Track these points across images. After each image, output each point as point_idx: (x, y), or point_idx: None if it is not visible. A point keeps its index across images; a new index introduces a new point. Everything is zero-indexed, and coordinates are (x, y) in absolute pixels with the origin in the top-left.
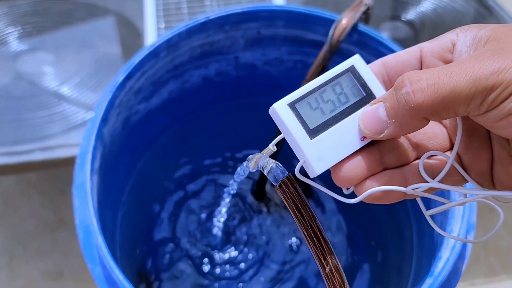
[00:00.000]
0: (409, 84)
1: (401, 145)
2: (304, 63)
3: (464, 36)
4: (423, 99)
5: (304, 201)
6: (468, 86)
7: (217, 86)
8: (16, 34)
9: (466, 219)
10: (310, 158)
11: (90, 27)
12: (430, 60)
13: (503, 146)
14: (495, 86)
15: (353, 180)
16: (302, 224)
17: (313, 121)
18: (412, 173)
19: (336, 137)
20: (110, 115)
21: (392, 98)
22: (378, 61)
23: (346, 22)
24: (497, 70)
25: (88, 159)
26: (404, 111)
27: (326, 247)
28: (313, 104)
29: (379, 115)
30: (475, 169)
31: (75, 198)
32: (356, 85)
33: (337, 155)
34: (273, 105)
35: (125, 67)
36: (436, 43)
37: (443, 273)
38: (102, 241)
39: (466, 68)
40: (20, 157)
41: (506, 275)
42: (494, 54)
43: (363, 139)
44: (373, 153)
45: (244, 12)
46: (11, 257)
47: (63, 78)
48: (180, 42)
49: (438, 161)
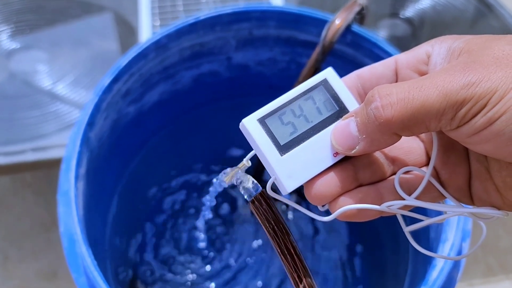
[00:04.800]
0: (379, 98)
1: (377, 160)
2: (297, 64)
3: (439, 47)
4: (392, 114)
5: (278, 217)
6: (438, 100)
7: (209, 87)
8: (9, 31)
9: (461, 227)
10: (281, 175)
11: (85, 25)
12: (406, 72)
13: (480, 161)
14: (466, 100)
15: (326, 197)
16: (276, 241)
17: (283, 137)
18: (388, 189)
19: (308, 153)
20: (97, 119)
21: (363, 113)
22: (353, 74)
23: (340, 22)
24: (467, 84)
25: (73, 165)
26: (374, 127)
27: (300, 265)
28: (284, 119)
29: (350, 131)
30: (453, 185)
31: (60, 205)
32: (329, 99)
33: (309, 171)
34: (242, 121)
35: (112, 70)
36: (412, 55)
37: (437, 283)
38: (86, 251)
39: (437, 82)
40: (13, 157)
41: (504, 275)
42: (465, 68)
43: (335, 155)
44: (347, 169)
45: (235, 12)
46: (5, 257)
47: (57, 77)
48: (170, 43)
49: (415, 177)
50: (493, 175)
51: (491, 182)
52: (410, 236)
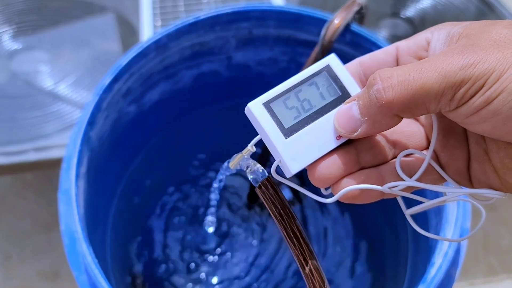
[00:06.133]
0: (380, 81)
1: (378, 143)
2: (297, 63)
3: (438, 34)
4: (393, 96)
5: (284, 202)
6: (437, 82)
7: (210, 87)
8: (11, 32)
9: (459, 224)
10: (285, 158)
11: (86, 25)
12: (406, 58)
13: (479, 144)
14: (464, 81)
15: (329, 180)
16: (282, 225)
17: (288, 121)
18: (389, 172)
19: (311, 136)
20: (97, 118)
21: (365, 96)
22: (355, 61)
23: (339, 22)
24: (465, 65)
25: (74, 164)
26: (375, 109)
27: (306, 248)
28: (288, 104)
29: (352, 114)
30: (452, 167)
31: (60, 203)
32: (331, 85)
33: (313, 154)
34: (248, 105)
35: (112, 69)
36: (412, 42)
37: (435, 280)
38: (87, 249)
39: (436, 64)
40: (15, 157)
41: (505, 274)
42: (464, 50)
43: (338, 138)
44: (350, 152)
45: (234, 12)
46: (6, 257)
47: (58, 77)
48: (170, 43)
49: (416, 160)
50: (491, 157)
51: (489, 164)
52: (410, 219)
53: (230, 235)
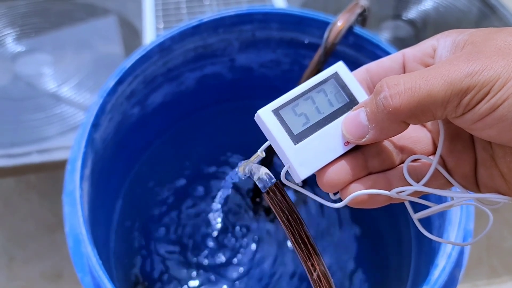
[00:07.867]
0: (387, 88)
1: (386, 149)
2: (300, 65)
3: (444, 41)
4: (400, 102)
5: (292, 207)
6: (443, 89)
7: (213, 89)
8: (14, 35)
9: (463, 226)
10: (294, 163)
11: (89, 28)
12: (412, 65)
13: (485, 149)
14: (470, 88)
15: (337, 185)
16: (290, 231)
17: (297, 127)
18: (397, 177)
19: (320, 142)
20: (101, 120)
21: (372, 103)
22: (362, 68)
23: (341, 24)
24: (471, 73)
25: (78, 166)
26: (383, 115)
27: (314, 253)
28: (297, 110)
29: (360, 120)
30: (459, 172)
31: (65, 205)
32: (339, 92)
33: (321, 160)
34: (258, 112)
35: (116, 72)
36: (418, 49)
37: (439, 282)
38: (92, 251)
39: (442, 71)
40: (18, 159)
41: (508, 276)
42: (469, 57)
43: (346, 144)
44: (358, 157)
45: (237, 14)
46: (10, 258)
47: (61, 79)
48: (173, 45)
49: (423, 165)
50: (498, 162)
51: (496, 168)
52: (418, 223)
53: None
